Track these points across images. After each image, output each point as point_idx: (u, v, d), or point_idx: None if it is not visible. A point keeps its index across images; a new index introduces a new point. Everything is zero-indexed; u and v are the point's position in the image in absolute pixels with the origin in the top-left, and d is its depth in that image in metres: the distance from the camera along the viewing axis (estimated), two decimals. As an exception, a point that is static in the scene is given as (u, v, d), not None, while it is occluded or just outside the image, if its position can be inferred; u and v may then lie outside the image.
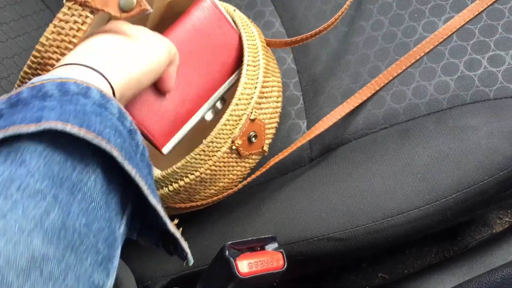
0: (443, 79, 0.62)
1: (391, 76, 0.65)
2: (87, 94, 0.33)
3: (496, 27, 0.62)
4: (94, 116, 0.32)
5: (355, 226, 0.56)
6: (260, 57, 0.59)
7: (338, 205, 0.58)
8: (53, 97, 0.32)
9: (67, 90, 0.32)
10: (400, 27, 0.67)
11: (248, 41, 0.58)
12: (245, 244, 0.50)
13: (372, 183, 0.57)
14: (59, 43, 0.43)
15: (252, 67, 0.57)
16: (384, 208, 0.55)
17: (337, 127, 0.66)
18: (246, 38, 0.59)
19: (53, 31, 0.43)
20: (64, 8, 0.42)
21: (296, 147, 0.62)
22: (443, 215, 0.55)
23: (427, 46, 0.64)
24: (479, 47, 0.62)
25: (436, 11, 0.66)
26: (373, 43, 0.68)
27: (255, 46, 0.59)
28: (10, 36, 0.68)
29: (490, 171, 0.54)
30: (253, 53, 0.58)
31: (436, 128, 0.59)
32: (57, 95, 0.32)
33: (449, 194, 0.54)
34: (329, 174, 0.61)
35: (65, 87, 0.32)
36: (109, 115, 0.34)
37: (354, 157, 0.61)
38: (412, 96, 0.63)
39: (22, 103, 0.32)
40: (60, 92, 0.32)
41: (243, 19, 0.63)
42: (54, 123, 0.29)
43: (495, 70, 0.60)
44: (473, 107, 0.60)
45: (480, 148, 0.55)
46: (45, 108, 0.31)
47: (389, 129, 0.63)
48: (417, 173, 0.56)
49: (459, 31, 0.64)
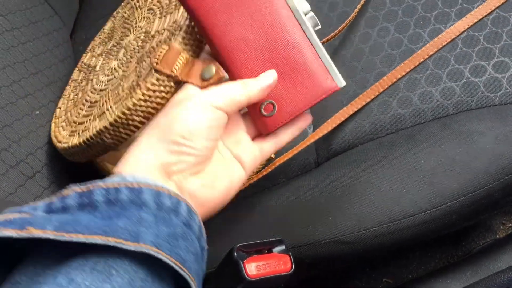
0: (449, 85, 0.63)
1: (395, 78, 0.65)
2: (178, 210, 0.36)
3: (501, 34, 0.63)
4: (182, 241, 0.35)
5: (362, 230, 0.56)
6: None
7: (345, 209, 0.58)
8: (149, 209, 0.34)
9: (162, 204, 0.35)
10: (406, 34, 0.68)
11: None
12: (253, 247, 0.50)
13: (379, 187, 0.58)
14: (145, 109, 0.48)
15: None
16: (391, 212, 0.56)
17: (343, 132, 0.66)
18: None
19: (141, 98, 0.47)
20: (152, 78, 0.46)
21: (301, 149, 0.63)
22: (449, 219, 0.55)
23: (430, 49, 0.65)
24: (484, 53, 0.63)
25: (441, 18, 0.67)
26: (379, 49, 0.68)
27: None
28: (21, 41, 0.69)
29: (496, 175, 0.54)
30: None
31: (442, 133, 0.59)
32: (153, 207, 0.35)
33: (455, 198, 0.55)
34: (336, 178, 0.62)
35: (160, 200, 0.35)
36: (192, 236, 0.36)
37: (360, 162, 0.62)
38: (418, 102, 0.64)
39: (120, 205, 0.34)
40: (156, 204, 0.35)
41: None
42: (150, 248, 0.32)
43: (500, 76, 0.61)
44: (478, 113, 0.60)
45: (486, 152, 0.55)
46: (143, 222, 0.33)
47: (395, 134, 0.63)
48: (423, 177, 0.56)
49: (464, 38, 0.65)
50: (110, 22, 0.72)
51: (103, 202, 0.34)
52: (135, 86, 0.50)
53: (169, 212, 0.35)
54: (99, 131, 0.52)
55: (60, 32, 0.83)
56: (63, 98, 0.68)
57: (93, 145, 0.54)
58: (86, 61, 0.70)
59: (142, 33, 0.58)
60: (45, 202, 0.34)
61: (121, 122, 0.50)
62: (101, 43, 0.70)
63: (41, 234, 0.30)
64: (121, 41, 0.63)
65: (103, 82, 0.60)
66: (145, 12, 0.62)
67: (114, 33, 0.68)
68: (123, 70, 0.56)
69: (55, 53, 0.77)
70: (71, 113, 0.62)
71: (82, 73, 0.68)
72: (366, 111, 0.66)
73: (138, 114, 0.49)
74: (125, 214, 0.33)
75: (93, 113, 0.56)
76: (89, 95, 0.61)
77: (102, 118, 0.53)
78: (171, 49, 0.46)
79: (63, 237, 0.30)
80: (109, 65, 0.61)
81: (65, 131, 0.60)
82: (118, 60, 0.60)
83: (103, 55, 0.66)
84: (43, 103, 0.67)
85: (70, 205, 0.34)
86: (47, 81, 0.71)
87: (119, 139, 0.52)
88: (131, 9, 0.68)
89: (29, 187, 0.57)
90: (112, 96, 0.54)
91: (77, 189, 0.35)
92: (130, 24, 0.64)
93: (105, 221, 0.32)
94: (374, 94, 0.65)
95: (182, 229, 0.36)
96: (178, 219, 0.36)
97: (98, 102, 0.57)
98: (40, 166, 0.60)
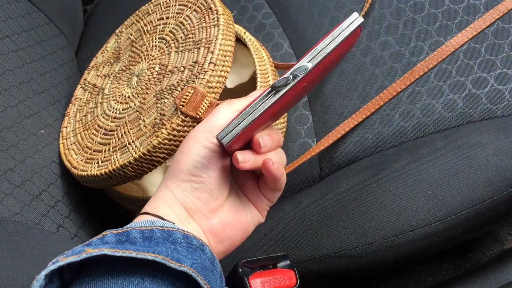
0: (451, 97, 0.63)
1: (395, 91, 0.65)
2: (204, 250, 0.39)
3: (502, 45, 0.64)
4: (211, 273, 0.38)
5: (366, 244, 0.56)
6: (270, 79, 0.60)
7: (349, 223, 0.58)
8: (181, 245, 0.38)
9: (191, 243, 0.38)
10: (407, 47, 0.68)
11: (260, 66, 0.60)
12: (258, 262, 0.50)
13: (383, 200, 0.58)
14: (168, 147, 0.52)
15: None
16: (395, 225, 0.56)
17: (346, 146, 0.66)
18: (257, 62, 0.61)
19: (166, 138, 0.51)
20: (178, 119, 0.51)
21: (304, 161, 0.63)
22: (454, 231, 0.55)
23: (430, 62, 0.65)
24: (486, 65, 0.63)
25: (442, 31, 0.67)
26: (381, 63, 0.69)
27: (266, 71, 0.61)
28: (26, 61, 0.70)
29: (500, 187, 0.54)
30: (264, 77, 0.60)
31: (445, 145, 0.59)
32: (184, 244, 0.38)
33: (459, 211, 0.54)
34: (340, 192, 0.62)
35: (189, 240, 0.38)
36: (217, 274, 0.39)
37: (364, 175, 0.62)
38: (420, 114, 0.64)
39: (155, 240, 0.37)
40: (186, 242, 0.38)
41: (254, 42, 0.65)
42: (189, 269, 0.35)
43: (502, 88, 0.61)
44: (481, 125, 0.60)
45: (489, 164, 0.55)
46: (179, 251, 0.36)
47: (398, 147, 0.64)
48: (427, 190, 0.56)
49: (465, 50, 0.65)
50: (113, 41, 0.73)
51: (139, 238, 0.37)
52: (159, 124, 0.52)
53: (197, 249, 0.38)
54: (122, 166, 0.54)
55: (65, 50, 0.84)
56: (68, 116, 0.68)
57: (115, 176, 0.55)
58: (90, 79, 0.71)
59: (157, 64, 0.59)
60: (82, 245, 0.36)
61: (145, 158, 0.52)
62: (106, 62, 0.71)
63: (98, 252, 0.33)
64: (132, 67, 0.63)
65: (117, 110, 0.60)
66: (156, 40, 0.62)
67: (120, 55, 0.69)
68: (140, 101, 0.57)
69: (60, 72, 0.78)
70: (81, 136, 0.63)
71: (88, 93, 0.69)
72: (369, 124, 0.66)
73: (162, 152, 0.52)
74: (163, 245, 0.37)
75: (111, 143, 0.58)
76: (101, 121, 0.62)
77: (125, 152, 0.54)
78: (196, 93, 0.50)
79: (117, 252, 0.33)
80: (121, 92, 0.62)
81: (79, 156, 0.61)
82: (131, 88, 0.60)
83: (111, 77, 0.67)
84: (48, 122, 0.68)
85: (110, 241, 0.37)
86: (52, 100, 0.71)
87: (141, 173, 0.54)
88: (138, 32, 0.68)
89: (35, 206, 0.57)
90: (132, 129, 0.56)
91: (112, 231, 0.37)
92: (139, 50, 0.64)
93: (148, 248, 0.35)
94: (375, 108, 0.65)
95: (208, 264, 0.38)
96: (205, 256, 0.39)
97: (115, 132, 0.58)
98: (45, 185, 0.61)
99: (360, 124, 0.66)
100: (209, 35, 0.54)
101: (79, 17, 0.97)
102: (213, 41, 0.53)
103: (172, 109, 0.52)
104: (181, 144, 0.44)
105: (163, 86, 0.55)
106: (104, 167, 0.56)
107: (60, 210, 0.61)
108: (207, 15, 0.57)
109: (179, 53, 0.57)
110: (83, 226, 0.64)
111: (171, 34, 0.60)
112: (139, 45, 0.65)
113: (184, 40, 0.57)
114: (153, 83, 0.57)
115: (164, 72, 0.57)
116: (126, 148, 0.55)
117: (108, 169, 0.55)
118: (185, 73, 0.54)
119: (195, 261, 0.37)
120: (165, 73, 0.57)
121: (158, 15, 0.66)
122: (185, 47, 0.57)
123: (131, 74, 0.63)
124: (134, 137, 0.54)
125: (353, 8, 0.74)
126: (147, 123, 0.54)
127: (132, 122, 0.56)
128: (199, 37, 0.56)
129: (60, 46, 0.83)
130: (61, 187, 0.64)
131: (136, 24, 0.69)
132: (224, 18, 0.55)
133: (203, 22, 0.57)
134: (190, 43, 0.56)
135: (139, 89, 0.59)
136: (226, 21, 0.55)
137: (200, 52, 0.54)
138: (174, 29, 0.61)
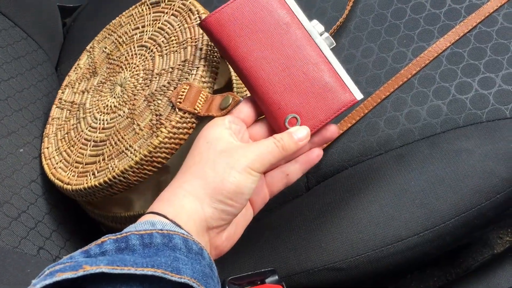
0: (435, 103, 0.62)
1: (379, 98, 0.65)
2: (203, 255, 0.39)
3: (484, 49, 0.63)
4: (210, 279, 0.38)
5: (355, 255, 0.55)
6: None
7: (337, 234, 0.57)
8: (181, 251, 0.37)
9: (191, 248, 0.38)
10: (390, 53, 0.67)
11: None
12: (245, 279, 0.50)
13: (370, 210, 0.57)
14: (169, 145, 0.52)
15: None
16: (384, 236, 0.55)
17: (332, 155, 0.66)
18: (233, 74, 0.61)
19: (166, 136, 0.51)
20: (177, 116, 0.51)
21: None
22: (443, 240, 0.55)
23: (413, 68, 0.65)
24: (469, 70, 0.63)
25: (424, 36, 0.67)
26: (364, 70, 0.68)
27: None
28: (3, 78, 0.69)
29: (487, 194, 0.54)
30: (240, 82, 0.61)
31: (431, 152, 0.59)
32: (184, 250, 0.38)
33: (447, 219, 0.54)
34: (327, 203, 0.61)
35: (189, 244, 0.38)
36: (215, 279, 0.40)
37: (351, 185, 0.61)
38: (405, 121, 0.63)
39: (155, 247, 0.37)
40: (186, 248, 0.38)
41: None
42: (190, 280, 0.35)
43: (486, 93, 0.61)
44: (466, 130, 0.60)
45: (476, 171, 0.55)
46: (179, 260, 0.36)
47: (384, 155, 0.63)
48: (414, 199, 0.55)
49: (448, 55, 0.64)
50: (85, 57, 0.72)
51: (139, 245, 0.36)
52: (157, 125, 0.52)
53: (197, 254, 0.38)
54: (123, 171, 0.53)
55: (44, 65, 0.83)
56: (47, 137, 0.67)
57: (115, 184, 0.55)
58: (66, 98, 0.69)
59: (141, 70, 0.59)
60: (81, 251, 0.36)
61: (146, 160, 0.52)
62: (81, 78, 0.69)
63: (95, 270, 0.32)
64: (112, 78, 0.63)
65: (104, 121, 0.60)
66: (136, 48, 0.62)
67: (97, 69, 0.67)
68: (129, 108, 0.57)
69: (39, 88, 0.76)
70: (67, 153, 0.62)
71: (66, 111, 0.67)
72: (354, 132, 0.65)
73: (163, 151, 0.52)
74: (162, 254, 0.36)
75: (104, 152, 0.57)
76: (88, 134, 0.61)
77: (123, 157, 0.54)
78: (192, 88, 0.51)
79: (116, 270, 0.33)
80: (105, 103, 0.61)
81: (69, 173, 0.60)
82: (116, 98, 0.60)
83: (90, 91, 0.65)
84: (27, 140, 0.66)
85: (109, 249, 0.36)
86: (31, 117, 0.70)
87: (143, 176, 0.54)
88: (112, 44, 0.67)
89: (14, 228, 0.55)
90: (126, 135, 0.56)
91: (111, 237, 0.37)
92: (118, 61, 0.64)
93: (147, 259, 0.35)
94: (359, 116, 0.64)
95: (208, 269, 0.39)
96: (204, 261, 0.39)
97: (107, 141, 0.58)
98: (25, 206, 0.59)
99: (345, 132, 0.66)
100: (194, 34, 0.56)
101: (58, 30, 0.95)
102: (199, 38, 0.55)
103: (168, 108, 0.52)
104: (217, 150, 0.44)
105: (153, 89, 0.56)
106: (103, 176, 0.55)
107: (41, 231, 0.60)
108: (187, 16, 0.58)
109: (164, 56, 0.58)
110: (65, 247, 0.62)
111: (151, 40, 0.61)
112: (116, 56, 0.65)
113: (167, 44, 0.58)
114: (141, 89, 0.58)
115: (151, 76, 0.57)
116: (124, 154, 0.54)
117: (108, 177, 0.54)
118: (175, 73, 0.55)
119: (195, 269, 0.37)
120: (152, 77, 0.57)
121: (133, 25, 0.66)
122: (169, 50, 0.57)
123: (113, 84, 0.62)
124: (131, 142, 0.54)
125: (334, 16, 0.73)
126: (143, 126, 0.54)
127: (124, 129, 0.56)
128: (183, 37, 0.57)
129: (39, 61, 0.81)
130: (42, 207, 0.62)
131: (109, 37, 0.69)
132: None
133: (184, 23, 0.58)
134: (174, 45, 0.57)
135: (125, 97, 0.59)
136: None
137: (188, 50, 0.55)
138: (154, 35, 0.61)
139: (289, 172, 0.49)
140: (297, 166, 0.50)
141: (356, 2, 0.73)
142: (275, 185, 0.50)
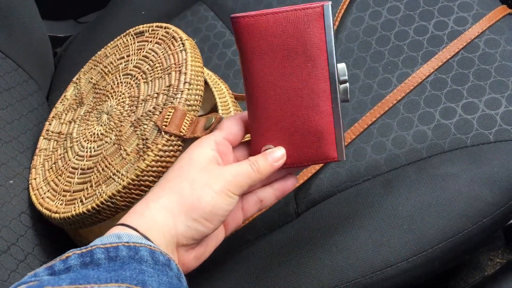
0: (421, 129, 0.64)
1: (366, 124, 0.66)
2: (171, 266, 0.39)
3: (467, 75, 0.64)
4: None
5: (344, 282, 0.56)
6: (231, 110, 0.63)
7: (327, 261, 0.57)
8: (147, 263, 0.37)
9: (158, 260, 0.38)
10: (375, 79, 0.69)
11: (220, 98, 0.62)
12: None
13: (359, 237, 0.57)
14: (156, 169, 0.52)
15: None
16: (373, 262, 0.55)
17: (321, 181, 0.66)
18: (217, 95, 0.63)
19: (153, 159, 0.52)
20: (163, 140, 0.52)
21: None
22: (431, 265, 0.55)
23: (398, 94, 0.66)
24: (453, 95, 0.64)
25: (408, 63, 0.68)
26: (351, 96, 0.69)
27: (226, 102, 0.63)
28: (-7, 110, 0.69)
29: (474, 218, 0.54)
30: (225, 108, 0.62)
31: (417, 177, 0.60)
32: (150, 262, 0.37)
33: (435, 244, 0.54)
34: (316, 229, 0.61)
35: (155, 256, 0.38)
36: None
37: (339, 211, 0.62)
38: (392, 147, 0.64)
39: (120, 260, 0.36)
40: (153, 260, 0.38)
41: (211, 76, 0.67)
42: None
43: (469, 118, 0.62)
44: (451, 155, 0.61)
45: (462, 196, 0.55)
46: (145, 272, 0.36)
47: (372, 181, 0.63)
48: (402, 224, 0.56)
49: (432, 81, 0.66)
50: (72, 88, 0.73)
51: (104, 258, 0.36)
52: (144, 149, 0.53)
53: (164, 265, 0.38)
54: (111, 196, 0.53)
55: (35, 95, 0.83)
56: (34, 168, 0.67)
57: (103, 210, 0.55)
58: (53, 129, 0.70)
59: (127, 98, 0.60)
60: (45, 267, 0.35)
61: (134, 184, 0.53)
62: (68, 109, 0.70)
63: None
64: (98, 107, 0.64)
65: (91, 148, 0.60)
66: (121, 77, 0.63)
67: (83, 99, 0.68)
68: (116, 134, 0.58)
69: (30, 118, 0.77)
70: (55, 183, 0.62)
71: (53, 141, 0.68)
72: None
73: (150, 175, 0.53)
74: (128, 267, 0.36)
75: (92, 179, 0.58)
76: (75, 162, 0.61)
77: (110, 183, 0.55)
78: (177, 112, 0.52)
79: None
80: (92, 131, 0.62)
81: (57, 202, 0.60)
82: (102, 125, 0.61)
83: (77, 121, 0.66)
84: (17, 171, 0.66)
85: (73, 264, 0.35)
86: (21, 148, 0.70)
87: (131, 201, 0.54)
88: (98, 75, 0.68)
89: (4, 261, 0.55)
90: (113, 161, 0.56)
91: (76, 251, 0.36)
92: (104, 90, 0.65)
93: (112, 273, 0.34)
94: (347, 141, 0.65)
95: (175, 281, 0.38)
96: (172, 272, 0.38)
97: (94, 168, 0.58)
98: (15, 238, 0.59)
99: (333, 158, 0.66)
100: (178, 60, 0.57)
101: (49, 60, 0.96)
102: (183, 63, 0.56)
103: (154, 132, 0.53)
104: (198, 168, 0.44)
105: (139, 115, 0.57)
106: (90, 202, 0.55)
107: (31, 263, 0.59)
108: (171, 43, 0.60)
109: (149, 82, 0.59)
110: (55, 279, 0.62)
111: (136, 68, 0.62)
112: (102, 85, 0.66)
113: (151, 71, 0.60)
114: (127, 115, 0.58)
115: (137, 102, 0.58)
116: (111, 179, 0.55)
117: (96, 203, 0.54)
118: (160, 98, 0.56)
119: (162, 280, 0.37)
120: (138, 104, 0.58)
121: (118, 55, 0.67)
122: (154, 76, 0.59)
123: (99, 113, 0.63)
124: (119, 167, 0.55)
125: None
126: (130, 151, 0.55)
127: (111, 155, 0.57)
128: (167, 64, 0.58)
129: (30, 92, 0.82)
130: (32, 239, 0.62)
131: (95, 68, 0.70)
132: (189, 43, 0.59)
133: (168, 50, 0.59)
134: (158, 71, 0.58)
135: (112, 125, 0.60)
136: (192, 45, 0.58)
137: (172, 76, 0.56)
138: (138, 63, 0.63)
139: (263, 198, 0.50)
140: (271, 192, 0.50)
141: (341, 30, 0.74)
142: (249, 210, 0.50)
